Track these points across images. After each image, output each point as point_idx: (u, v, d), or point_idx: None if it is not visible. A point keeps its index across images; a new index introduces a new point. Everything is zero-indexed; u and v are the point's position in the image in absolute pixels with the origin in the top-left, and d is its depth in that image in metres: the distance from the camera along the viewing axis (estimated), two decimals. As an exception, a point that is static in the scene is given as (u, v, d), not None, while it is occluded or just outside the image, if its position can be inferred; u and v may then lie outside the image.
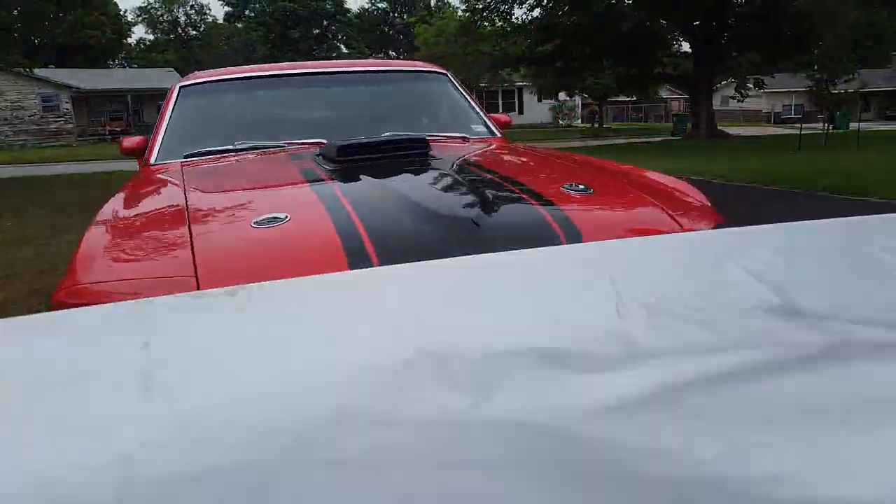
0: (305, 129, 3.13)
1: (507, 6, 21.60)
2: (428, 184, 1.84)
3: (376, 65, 3.60)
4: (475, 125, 3.40)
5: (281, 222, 1.62)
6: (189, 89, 3.28)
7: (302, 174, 2.12)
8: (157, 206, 1.92)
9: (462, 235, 1.50)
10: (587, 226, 1.60)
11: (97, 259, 1.57)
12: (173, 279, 1.44)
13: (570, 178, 2.08)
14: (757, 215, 6.49)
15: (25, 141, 33.77)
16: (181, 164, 2.76)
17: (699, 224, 1.80)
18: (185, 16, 58.93)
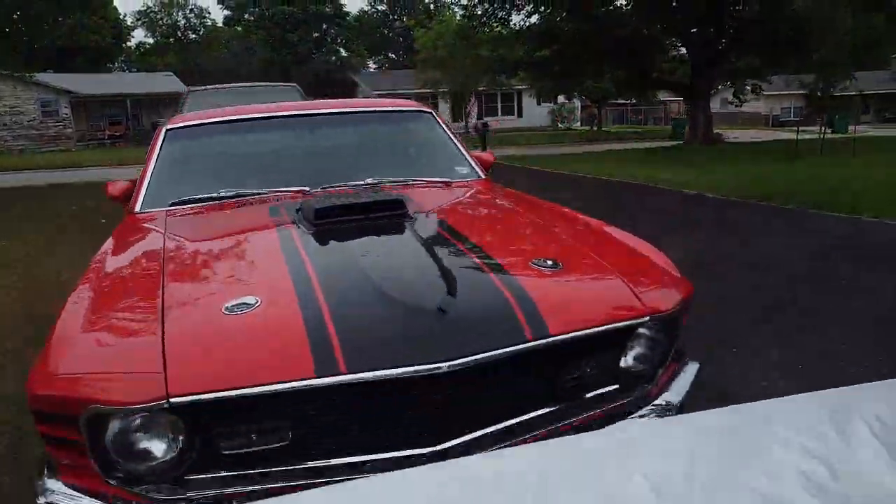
0: (289, 174, 3.15)
1: (505, 13, 21.61)
2: (399, 264, 1.86)
3: (361, 105, 3.62)
4: (459, 166, 3.43)
5: (251, 308, 1.65)
6: (175, 132, 3.31)
7: (279, 239, 2.15)
8: (134, 283, 1.94)
9: (428, 337, 1.52)
10: (553, 318, 1.63)
11: (70, 348, 1.60)
12: (143, 374, 1.47)
13: (542, 246, 2.12)
14: (753, 237, 6.53)
15: (24, 146, 33.76)
16: (165, 214, 2.79)
17: (665, 301, 1.83)
18: (184, 19, 58.92)
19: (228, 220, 2.61)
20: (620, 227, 2.40)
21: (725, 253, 5.86)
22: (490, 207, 2.76)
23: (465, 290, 1.69)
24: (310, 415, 1.51)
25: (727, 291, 4.65)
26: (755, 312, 4.23)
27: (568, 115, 43.29)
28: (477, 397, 1.60)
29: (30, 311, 4.76)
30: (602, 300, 1.78)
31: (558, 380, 1.72)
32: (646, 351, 1.86)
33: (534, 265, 1.88)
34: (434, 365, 1.48)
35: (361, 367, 1.47)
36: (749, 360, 3.49)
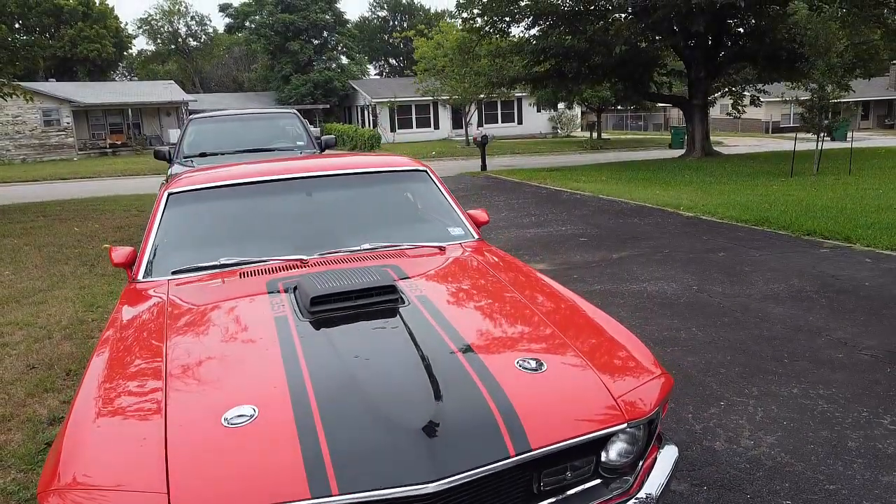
0: (287, 240, 3.26)
1: (505, 25, 21.74)
2: (390, 371, 1.96)
3: (359, 165, 3.71)
4: (453, 227, 3.52)
5: (248, 420, 1.75)
6: (177, 196, 3.41)
7: (277, 333, 2.24)
8: (139, 381, 2.03)
9: (416, 457, 1.62)
10: (535, 432, 1.73)
11: (80, 458, 1.69)
12: (148, 494, 1.56)
13: (528, 341, 2.22)
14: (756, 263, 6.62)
15: (26, 155, 33.98)
16: (167, 285, 2.89)
17: (645, 403, 1.92)
18: (185, 27, 59.15)
19: (229, 299, 2.71)
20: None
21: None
22: (479, 284, 2.84)
23: (452, 403, 1.79)
24: (303, 530, 1.61)
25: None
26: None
27: (568, 123, 43.44)
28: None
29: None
30: (583, 409, 1.87)
31: (539, 481, 1.82)
32: (627, 446, 1.96)
33: (519, 367, 1.98)
34: (421, 485, 1.58)
35: (353, 489, 1.57)
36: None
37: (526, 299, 2.59)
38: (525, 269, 3.09)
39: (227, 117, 9.42)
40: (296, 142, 8.80)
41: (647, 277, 6.42)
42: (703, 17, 17.72)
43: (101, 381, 2.06)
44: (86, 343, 5.11)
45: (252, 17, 48.41)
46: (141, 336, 2.42)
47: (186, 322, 2.48)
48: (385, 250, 3.15)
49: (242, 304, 2.65)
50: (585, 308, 2.57)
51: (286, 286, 2.67)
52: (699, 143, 21.71)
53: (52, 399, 4.10)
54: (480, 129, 37.41)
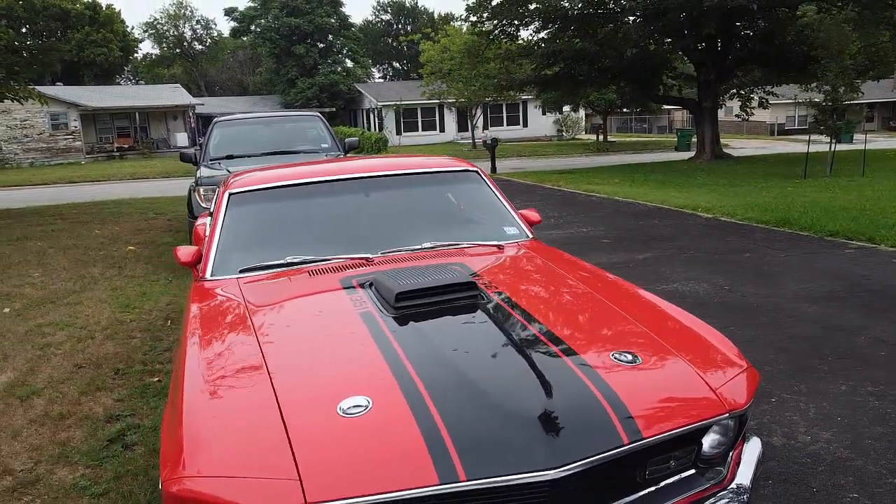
0: (350, 239, 3.31)
1: (514, 28, 21.83)
2: (492, 362, 2.02)
3: (413, 166, 3.77)
4: (508, 226, 3.58)
5: (364, 410, 1.80)
6: (238, 196, 3.46)
7: (366, 326, 2.29)
8: (243, 373, 2.08)
9: (535, 443, 1.68)
10: (644, 421, 1.79)
11: (203, 450, 1.74)
12: (280, 481, 1.61)
13: (616, 335, 2.27)
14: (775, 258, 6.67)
15: (35, 159, 34.07)
16: (238, 283, 2.94)
17: (741, 395, 1.98)
18: (190, 31, 59.34)
19: (306, 295, 2.76)
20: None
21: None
22: (549, 280, 2.90)
23: (560, 392, 1.84)
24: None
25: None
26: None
27: (573, 125, 43.54)
28: (573, 492, 1.74)
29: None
30: (686, 399, 1.93)
31: (645, 470, 1.87)
32: (721, 438, 2.01)
33: (614, 359, 2.03)
34: (543, 472, 1.64)
35: (479, 475, 1.62)
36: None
37: (600, 295, 2.64)
38: (589, 267, 3.15)
39: (252, 120, 9.49)
40: (320, 144, 8.87)
41: (676, 278, 6.47)
42: (713, 20, 17.79)
43: (204, 374, 2.11)
44: (128, 343, 5.17)
45: (257, 20, 48.60)
46: (229, 331, 2.47)
47: (271, 318, 2.53)
48: (445, 249, 3.21)
49: (322, 299, 2.70)
50: (659, 302, 2.62)
51: (361, 282, 2.73)
52: (709, 145, 21.77)
53: (105, 397, 4.15)
54: (486, 131, 37.50)
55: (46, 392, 4.24)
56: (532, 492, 1.68)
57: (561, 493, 1.70)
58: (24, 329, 5.58)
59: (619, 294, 2.72)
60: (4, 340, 5.29)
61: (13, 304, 6.40)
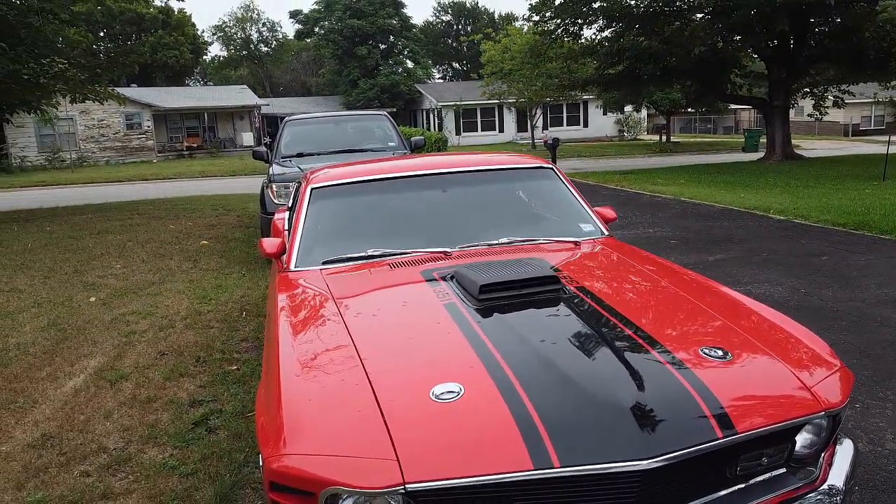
0: (427, 233, 3.36)
1: (577, 27, 21.62)
2: (580, 353, 2.03)
3: (488, 162, 3.81)
4: (584, 223, 3.57)
5: (457, 396, 1.85)
6: (319, 191, 3.57)
7: (451, 316, 2.34)
8: (335, 358, 2.15)
9: (629, 434, 1.69)
10: (738, 416, 1.77)
11: (303, 428, 1.82)
12: (379, 460, 1.67)
13: (703, 330, 2.25)
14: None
15: (110, 157, 35.61)
16: (322, 274, 3.04)
17: (836, 395, 1.94)
18: (257, 33, 60.96)
19: (389, 286, 2.84)
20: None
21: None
22: (629, 276, 2.89)
23: (651, 385, 1.84)
24: (520, 497, 1.69)
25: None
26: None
27: (635, 126, 42.80)
28: (665, 484, 1.74)
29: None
30: (779, 396, 1.90)
31: (737, 466, 1.86)
32: (813, 438, 1.97)
33: (704, 354, 2.02)
34: (637, 461, 1.65)
35: (572, 462, 1.65)
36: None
37: (683, 291, 2.62)
38: (668, 263, 3.12)
39: (321, 119, 9.71)
40: (387, 143, 9.00)
41: (749, 280, 6.31)
42: (786, 16, 17.22)
43: (298, 359, 2.19)
44: (206, 332, 5.37)
45: (321, 22, 49.53)
46: (317, 319, 2.55)
47: (358, 306, 2.61)
48: (522, 245, 3.23)
49: (405, 290, 2.76)
50: (744, 299, 2.58)
51: (442, 275, 2.78)
52: (780, 145, 21.08)
53: (189, 383, 4.33)
54: (547, 131, 37.27)
55: (133, 377, 4.45)
56: (624, 482, 1.69)
57: (652, 484, 1.70)
58: (109, 317, 5.86)
59: (702, 290, 2.69)
60: (93, 328, 5.58)
61: (98, 293, 6.73)
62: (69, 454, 3.42)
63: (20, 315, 6.01)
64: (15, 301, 6.52)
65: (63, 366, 4.69)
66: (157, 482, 3.11)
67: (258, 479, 3.03)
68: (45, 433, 3.66)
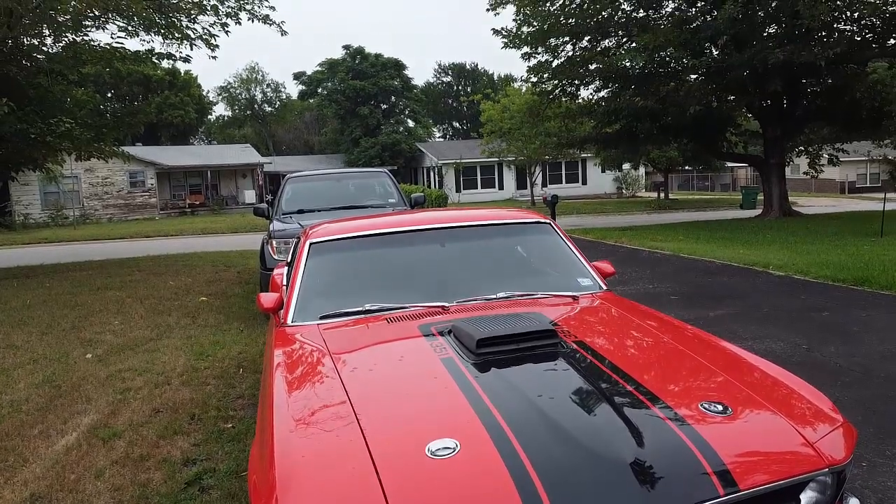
0: (425, 287, 3.36)
1: (574, 88, 22.11)
2: (578, 409, 2.00)
3: (486, 217, 3.84)
4: (582, 278, 3.57)
5: (453, 453, 1.81)
6: (318, 246, 3.58)
7: (448, 371, 2.31)
8: (331, 417, 2.12)
9: (629, 491, 1.65)
10: (740, 473, 1.73)
11: (295, 487, 1.77)
12: None
13: (703, 385, 2.23)
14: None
15: (112, 214, 35.93)
16: (318, 329, 3.02)
17: (839, 451, 1.90)
18: (261, 93, 62.31)
19: (386, 341, 2.82)
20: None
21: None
22: (628, 331, 2.88)
23: (651, 441, 1.81)
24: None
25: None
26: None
27: (633, 183, 43.28)
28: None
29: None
30: (782, 452, 1.87)
31: (739, 526, 1.81)
32: (818, 496, 1.92)
33: (705, 410, 1.99)
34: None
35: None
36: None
37: (682, 345, 2.60)
38: (667, 318, 3.11)
39: (322, 176, 9.83)
40: (387, 199, 9.09)
41: (750, 336, 6.27)
42: (778, 77, 17.62)
43: (292, 415, 2.16)
44: (203, 389, 5.30)
45: (324, 83, 50.72)
46: (313, 374, 2.53)
47: (354, 362, 2.58)
48: (520, 299, 3.23)
49: (402, 345, 2.75)
50: (744, 354, 2.56)
51: (440, 330, 2.76)
52: (777, 202, 21.27)
53: (183, 441, 4.25)
54: (546, 188, 37.66)
55: (127, 434, 4.38)
56: (625, 540, 1.64)
57: (653, 542, 1.65)
58: (105, 374, 5.81)
59: (702, 345, 2.67)
60: (88, 384, 5.52)
61: (95, 349, 6.68)
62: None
63: (15, 371, 5.96)
64: (11, 357, 6.47)
65: (56, 423, 4.62)
66: (146, 544, 3.02)
67: (250, 541, 2.94)
68: (34, 493, 3.58)
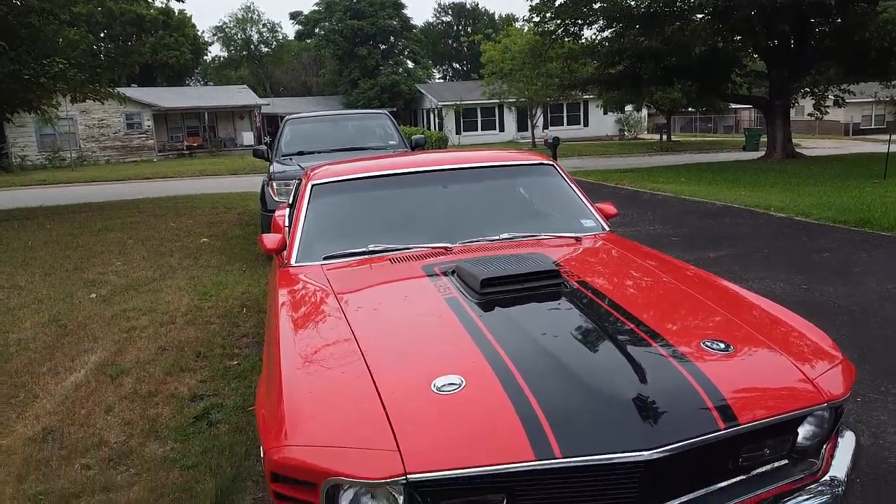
0: (428, 228, 3.36)
1: (577, 28, 21.61)
2: (582, 346, 2.03)
3: (489, 159, 3.81)
4: (585, 219, 3.57)
5: (458, 388, 1.84)
6: (320, 187, 3.56)
7: (452, 310, 2.34)
8: (337, 353, 2.15)
9: (630, 425, 1.69)
10: (741, 408, 1.77)
11: (305, 421, 1.81)
12: (380, 451, 1.67)
13: (705, 323, 2.25)
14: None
15: (110, 157, 35.61)
16: (322, 269, 3.03)
17: (838, 387, 1.94)
18: (257, 34, 60.96)
19: (390, 281, 2.84)
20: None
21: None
22: (630, 271, 2.89)
23: (653, 377, 1.83)
24: (522, 488, 1.69)
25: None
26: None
27: (635, 125, 42.80)
28: (667, 475, 1.74)
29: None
30: (781, 388, 1.90)
31: (739, 457, 1.85)
32: (815, 429, 1.97)
33: (706, 347, 2.02)
34: (639, 452, 1.64)
35: (574, 453, 1.64)
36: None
37: (684, 285, 2.62)
38: (669, 258, 3.12)
39: (322, 118, 9.71)
40: (388, 141, 9.00)
41: (750, 276, 6.31)
42: (787, 17, 17.20)
43: (299, 353, 2.19)
44: (207, 328, 5.37)
45: (322, 23, 49.54)
46: (318, 313, 2.55)
47: (358, 301, 2.61)
48: (523, 240, 3.23)
49: (406, 285, 2.76)
50: (746, 293, 2.58)
51: (443, 270, 2.78)
52: (780, 144, 21.07)
53: (189, 378, 4.33)
54: (547, 130, 37.27)
55: (134, 371, 4.45)
56: (625, 472, 1.68)
57: (653, 475, 1.70)
58: (110, 313, 5.87)
59: (703, 284, 2.69)
60: (93, 324, 5.58)
61: (99, 290, 6.73)
62: (70, 448, 3.42)
63: (21, 311, 6.02)
64: (15, 297, 6.52)
65: (64, 361, 4.70)
66: (158, 475, 3.11)
67: (259, 472, 3.03)
68: (46, 427, 3.66)
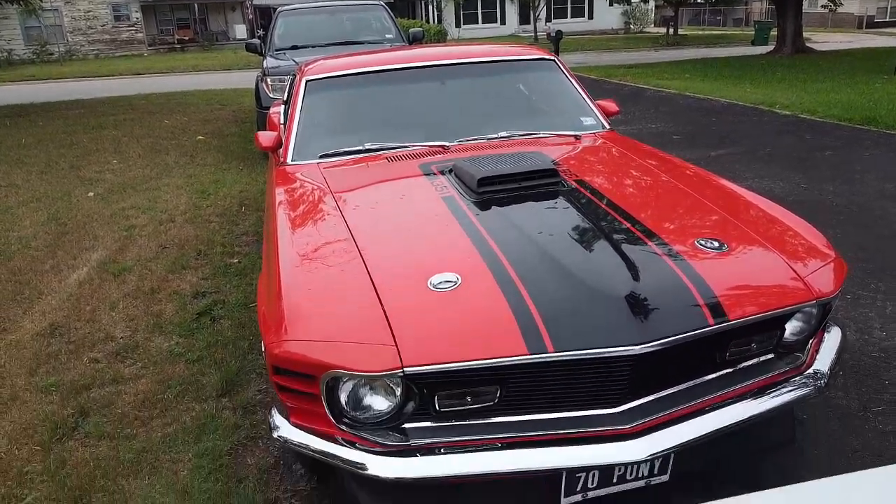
0: (425, 126, 3.31)
1: None
2: (577, 244, 2.04)
3: (488, 54, 3.69)
4: (585, 117, 3.51)
5: (454, 286, 1.87)
6: (314, 83, 3.47)
7: (449, 209, 2.34)
8: (335, 251, 2.16)
9: (622, 321, 1.72)
10: (730, 304, 1.80)
11: (305, 315, 1.86)
12: (378, 346, 1.71)
13: (700, 222, 2.26)
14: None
15: (99, 50, 34.50)
16: (319, 168, 3.01)
17: (828, 284, 1.96)
18: (247, -85, 57.42)
19: (387, 180, 2.82)
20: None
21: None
22: (629, 170, 2.87)
23: (646, 275, 1.86)
24: (516, 382, 1.75)
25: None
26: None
27: (641, 18, 41.18)
28: (656, 369, 1.80)
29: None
30: (772, 285, 1.92)
31: (724, 351, 1.91)
32: (802, 325, 2.02)
33: (700, 246, 2.03)
34: (630, 346, 1.69)
35: (566, 348, 1.69)
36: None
37: (682, 184, 2.61)
38: (668, 157, 3.09)
39: (315, 9, 9.32)
40: (384, 35, 8.69)
41: (750, 175, 6.27)
42: None
43: (297, 251, 2.21)
44: (206, 227, 5.39)
45: None
46: (315, 211, 2.55)
47: (355, 200, 2.60)
48: (522, 138, 3.19)
49: (403, 184, 2.75)
50: (743, 192, 2.58)
51: (440, 169, 2.76)
52: (791, 38, 20.35)
53: (191, 276, 4.39)
54: (550, 23, 35.92)
55: (136, 269, 4.51)
56: (616, 366, 1.74)
57: (644, 368, 1.75)
58: (109, 212, 5.87)
59: (701, 183, 2.68)
60: (93, 222, 5.60)
61: (96, 188, 6.71)
62: (78, 342, 3.52)
63: (19, 210, 6.02)
64: (13, 196, 6.51)
65: (66, 259, 4.75)
66: (164, 368, 3.21)
67: (263, 366, 3.13)
68: (52, 323, 3.75)
